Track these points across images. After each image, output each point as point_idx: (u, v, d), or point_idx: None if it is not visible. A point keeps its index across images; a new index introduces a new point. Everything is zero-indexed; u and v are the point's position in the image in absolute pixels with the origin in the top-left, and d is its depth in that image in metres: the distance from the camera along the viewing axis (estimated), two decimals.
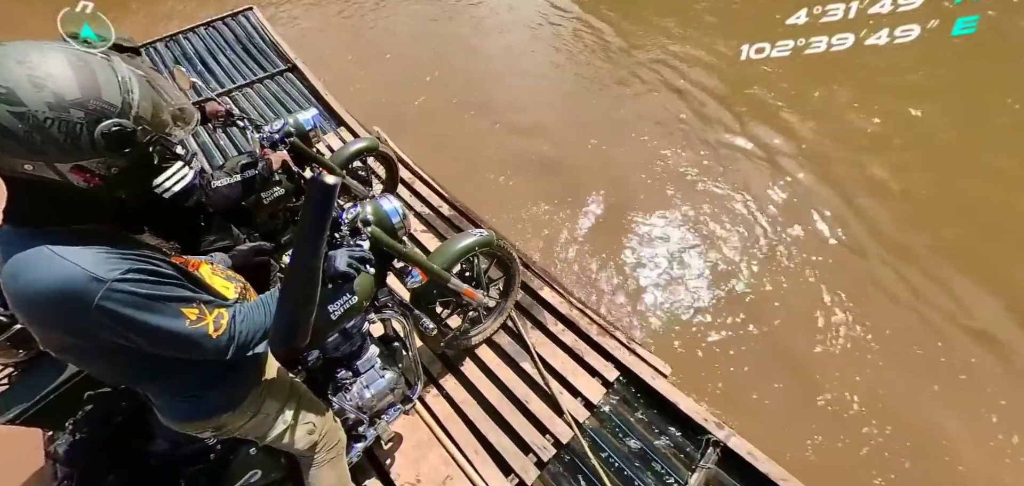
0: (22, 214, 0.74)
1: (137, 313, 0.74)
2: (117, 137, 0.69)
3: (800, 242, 3.13)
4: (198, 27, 5.37)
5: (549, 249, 3.29)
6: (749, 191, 3.48)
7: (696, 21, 5.38)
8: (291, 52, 4.70)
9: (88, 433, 1.32)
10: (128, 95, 0.71)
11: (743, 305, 2.85)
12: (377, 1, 7.27)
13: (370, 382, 1.47)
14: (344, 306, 1.26)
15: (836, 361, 2.58)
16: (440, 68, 5.47)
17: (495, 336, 2.24)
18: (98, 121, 0.67)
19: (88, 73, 0.68)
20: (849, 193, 3.36)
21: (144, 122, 0.72)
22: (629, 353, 2.14)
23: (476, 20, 6.44)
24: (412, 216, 2.97)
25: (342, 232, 1.29)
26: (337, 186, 0.83)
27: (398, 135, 3.82)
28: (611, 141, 4.10)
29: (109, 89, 0.69)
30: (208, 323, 0.83)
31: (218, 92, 4.24)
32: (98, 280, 0.70)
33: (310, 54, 5.15)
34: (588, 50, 5.39)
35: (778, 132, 3.89)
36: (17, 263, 0.71)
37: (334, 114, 3.93)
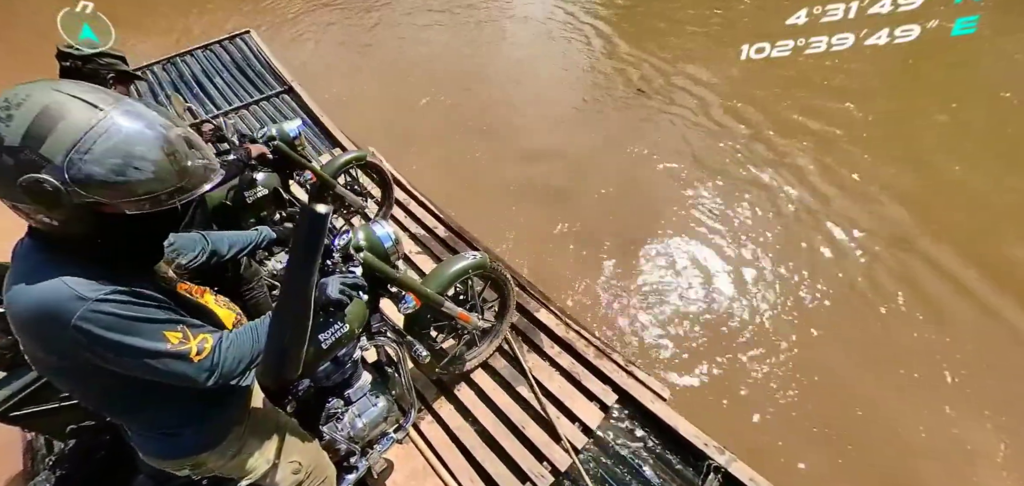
0: (40, 233, 0.77)
1: (115, 334, 0.74)
2: (29, 188, 0.70)
3: (807, 273, 3.09)
4: (195, 50, 5.41)
5: (546, 271, 3.26)
6: (755, 218, 3.45)
7: (713, 46, 5.40)
8: (287, 74, 4.74)
9: (70, 469, 1.28)
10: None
11: (745, 329, 2.82)
12: (378, 22, 7.39)
13: (362, 411, 1.44)
14: (336, 334, 1.25)
15: (841, 387, 2.55)
16: (444, 90, 5.50)
17: (491, 359, 2.21)
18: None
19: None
20: (859, 225, 3.31)
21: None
22: (627, 376, 2.11)
23: (484, 42, 6.52)
24: (407, 238, 2.96)
25: (334, 259, 1.28)
26: (329, 214, 0.82)
27: (400, 156, 3.84)
28: (615, 168, 4.08)
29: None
30: (191, 347, 0.82)
31: (214, 114, 4.26)
32: (80, 299, 0.71)
33: (310, 77, 5.20)
34: (598, 75, 5.43)
35: (788, 167, 3.85)
36: (15, 274, 0.74)
37: (329, 135, 3.94)
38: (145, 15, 8.54)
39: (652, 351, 2.78)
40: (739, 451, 1.82)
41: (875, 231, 3.25)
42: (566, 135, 4.58)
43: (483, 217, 3.56)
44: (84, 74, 1.65)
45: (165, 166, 0.74)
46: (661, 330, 2.87)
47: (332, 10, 7.98)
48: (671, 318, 2.93)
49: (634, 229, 3.46)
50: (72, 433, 1.33)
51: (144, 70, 5.14)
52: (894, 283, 2.94)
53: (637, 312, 2.97)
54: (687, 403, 2.44)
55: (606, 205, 3.71)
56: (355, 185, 2.85)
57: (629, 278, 3.16)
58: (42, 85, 0.70)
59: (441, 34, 6.82)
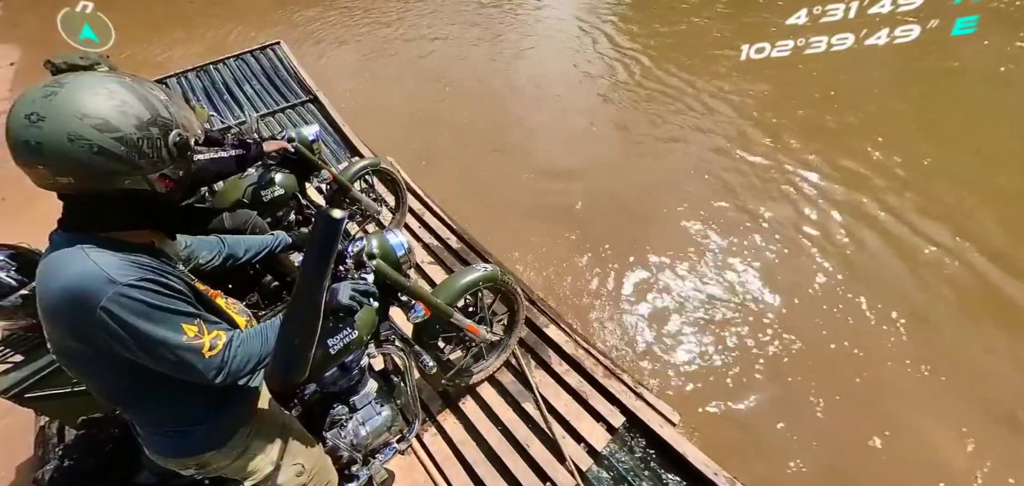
0: (79, 222, 0.80)
1: (139, 320, 0.76)
2: (182, 145, 0.82)
3: (828, 304, 2.98)
4: (228, 58, 5.59)
5: (558, 287, 3.22)
6: (775, 243, 3.36)
7: (738, 71, 5.37)
8: (313, 84, 4.85)
9: (77, 459, 1.28)
10: (171, 111, 0.81)
11: (760, 358, 2.72)
12: (402, 35, 7.56)
13: (366, 419, 1.41)
14: (344, 340, 1.24)
15: (857, 417, 2.44)
16: (463, 104, 5.56)
17: (497, 373, 2.17)
18: (167, 134, 0.79)
19: (146, 96, 0.78)
20: (880, 255, 3.22)
21: (187, 129, 0.84)
22: (636, 398, 2.05)
23: (504, 60, 6.58)
24: (419, 247, 2.96)
25: (347, 264, 1.27)
26: (343, 220, 0.82)
27: (416, 166, 3.86)
28: (632, 187, 4.04)
29: (162, 107, 0.80)
30: (204, 342, 0.83)
31: (239, 120, 4.37)
32: (111, 282, 0.73)
33: (333, 86, 5.32)
34: (617, 94, 5.42)
35: (811, 189, 3.77)
36: (52, 259, 0.77)
37: (349, 143, 4.00)
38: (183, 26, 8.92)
39: (662, 374, 2.70)
40: (750, 484, 1.74)
41: (910, 258, 3.12)
42: (583, 153, 4.57)
43: (496, 230, 3.55)
44: None
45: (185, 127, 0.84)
46: (673, 353, 2.79)
47: (359, 24, 8.21)
48: (684, 341, 2.84)
49: (649, 249, 3.40)
50: (82, 423, 1.33)
51: (179, 77, 5.33)
52: (927, 319, 2.80)
53: (649, 333, 2.90)
54: (697, 430, 2.35)
55: (621, 224, 3.66)
56: (371, 192, 2.88)
57: (642, 298, 3.10)
58: (98, 79, 0.77)
59: (463, 51, 6.93)
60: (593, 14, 7.63)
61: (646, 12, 7.56)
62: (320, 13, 8.81)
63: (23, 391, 1.42)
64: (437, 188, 3.54)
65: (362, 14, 8.58)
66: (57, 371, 1.50)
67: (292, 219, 2.47)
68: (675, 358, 2.76)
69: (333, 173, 2.44)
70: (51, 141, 0.70)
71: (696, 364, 2.73)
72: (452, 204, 3.32)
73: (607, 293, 3.15)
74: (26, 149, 0.70)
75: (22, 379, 1.43)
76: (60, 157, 0.71)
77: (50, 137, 0.70)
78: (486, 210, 3.87)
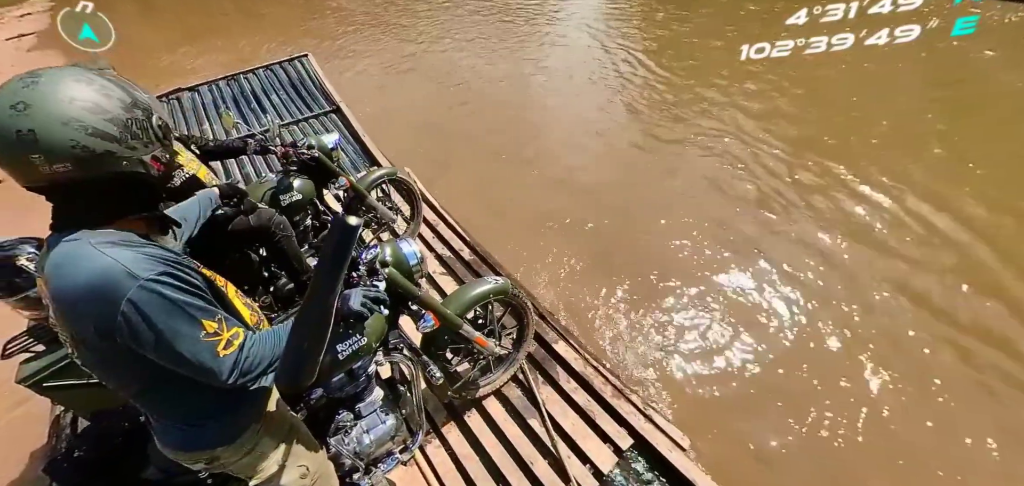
0: (72, 219, 0.77)
1: (160, 316, 0.74)
2: (165, 128, 0.83)
3: (845, 328, 2.89)
4: (258, 69, 5.76)
5: (568, 303, 3.18)
6: (794, 271, 3.26)
7: (763, 94, 5.33)
8: (336, 95, 4.95)
9: (87, 450, 1.29)
10: (146, 96, 0.82)
11: (777, 386, 2.62)
12: (425, 50, 7.71)
13: (371, 427, 1.39)
14: (353, 346, 1.24)
15: (876, 450, 2.32)
16: (482, 118, 5.60)
17: (504, 388, 2.13)
18: (150, 116, 0.80)
19: (119, 82, 0.79)
20: (905, 285, 3.10)
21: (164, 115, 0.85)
22: (645, 420, 1.99)
23: (524, 76, 6.64)
24: (432, 257, 2.96)
25: (360, 271, 1.27)
26: (359, 227, 0.82)
27: (433, 177, 3.87)
28: (649, 206, 3.98)
29: (139, 92, 0.81)
30: (222, 340, 0.82)
31: (263, 129, 4.48)
32: (132, 276, 0.72)
33: (355, 97, 5.41)
34: (635, 113, 5.41)
35: (832, 223, 3.66)
36: (59, 255, 0.74)
37: (368, 153, 4.06)
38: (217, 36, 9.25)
39: (673, 397, 2.62)
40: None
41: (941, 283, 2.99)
42: (597, 168, 4.54)
43: (508, 243, 3.53)
44: None
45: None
46: (684, 376, 2.71)
47: (385, 39, 8.40)
48: (696, 364, 2.76)
49: (664, 268, 3.34)
50: (95, 415, 1.34)
51: (210, 84, 5.51)
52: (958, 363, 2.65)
53: (661, 354, 2.82)
54: (708, 457, 2.27)
55: (635, 241, 3.60)
56: (387, 201, 2.90)
57: (654, 318, 3.03)
58: (77, 71, 0.76)
59: (482, 66, 7.02)
60: (610, 28, 7.71)
61: (664, 26, 7.60)
62: (349, 28, 9.06)
63: (41, 380, 1.44)
64: (452, 199, 3.55)
65: (388, 30, 8.80)
66: (74, 363, 1.52)
67: (309, 224, 2.50)
68: (687, 381, 2.68)
69: (351, 181, 2.47)
70: (45, 127, 0.67)
71: (709, 388, 2.64)
72: (466, 215, 3.32)
73: (618, 311, 3.09)
74: (17, 140, 0.67)
75: (42, 369, 1.45)
76: (56, 143, 0.68)
77: (43, 123, 0.67)
78: (499, 222, 3.86)
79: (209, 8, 11.41)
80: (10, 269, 1.45)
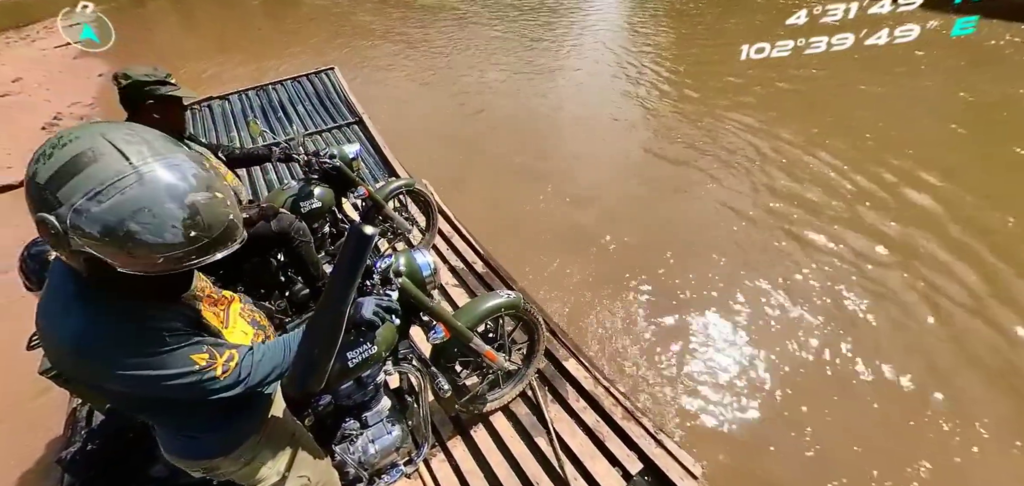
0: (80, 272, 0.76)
1: (148, 372, 0.76)
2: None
3: (867, 360, 2.77)
4: (285, 80, 5.93)
5: (580, 320, 3.12)
6: (814, 296, 3.16)
7: (780, 117, 5.27)
8: (359, 107, 5.05)
9: (100, 444, 1.29)
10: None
11: (794, 415, 2.52)
12: (448, 65, 7.85)
13: (377, 436, 1.37)
14: (363, 354, 1.24)
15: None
16: (501, 134, 5.64)
17: (512, 404, 2.08)
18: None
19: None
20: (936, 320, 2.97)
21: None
22: (656, 444, 1.91)
23: (544, 93, 6.68)
24: (445, 269, 2.95)
25: (373, 280, 1.27)
26: (375, 236, 0.83)
27: (449, 190, 3.88)
28: (666, 225, 3.93)
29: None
30: (217, 366, 0.83)
31: (287, 137, 4.57)
32: (117, 345, 0.74)
33: (378, 109, 5.51)
34: (654, 131, 5.39)
35: (855, 244, 3.56)
36: (52, 302, 0.76)
37: (387, 164, 4.10)
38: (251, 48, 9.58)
39: (686, 422, 2.53)
40: None
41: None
42: (615, 186, 4.50)
43: (522, 257, 3.51)
44: (130, 98, 1.64)
45: (178, 234, 0.69)
46: (698, 400, 2.62)
47: (410, 54, 8.59)
48: (711, 389, 2.67)
49: (679, 289, 3.27)
50: (109, 410, 1.35)
51: (240, 94, 5.68)
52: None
53: (673, 377, 2.74)
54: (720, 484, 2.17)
55: (651, 261, 3.53)
56: (403, 211, 2.91)
57: (668, 340, 2.95)
58: (93, 130, 0.69)
59: (503, 82, 7.10)
60: (633, 48, 7.73)
61: (686, 46, 7.59)
62: (375, 43, 9.31)
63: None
64: (467, 212, 3.55)
65: (413, 45, 9.00)
66: None
67: (326, 231, 2.52)
68: (701, 406, 2.59)
69: (369, 190, 2.49)
70: None
71: (723, 414, 2.55)
72: (481, 228, 3.32)
73: (632, 331, 3.02)
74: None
75: None
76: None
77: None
78: (514, 236, 3.84)
79: (245, 23, 11.88)
80: (43, 263, 1.50)
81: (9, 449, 2.26)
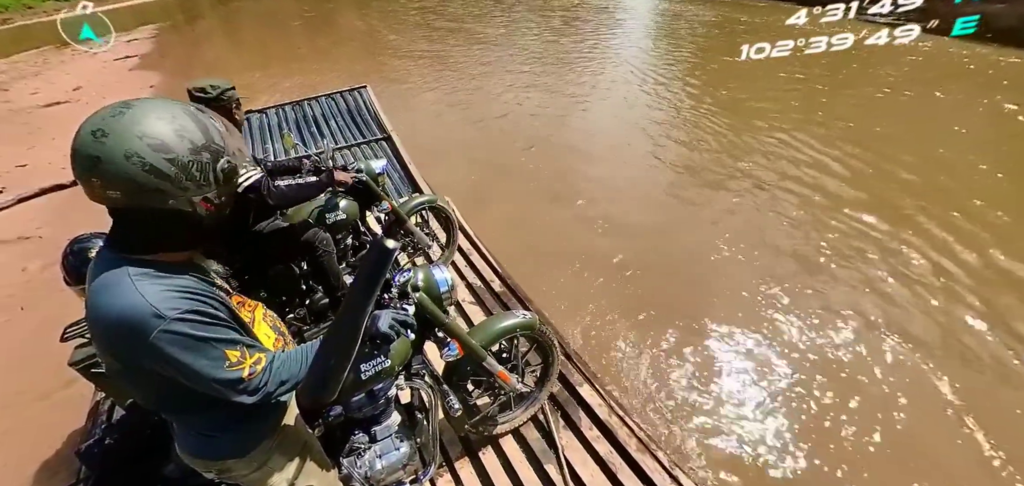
0: (125, 242, 0.81)
1: (184, 353, 0.77)
2: (230, 172, 0.84)
3: (904, 408, 2.61)
4: (320, 96, 6.16)
5: (597, 346, 3.03)
6: (843, 334, 3.00)
7: (813, 132, 5.17)
8: (388, 124, 5.18)
9: (118, 439, 1.30)
10: (223, 139, 0.84)
11: (819, 460, 2.37)
12: (479, 87, 8.00)
13: (384, 452, 1.34)
14: (376, 368, 1.23)
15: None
16: (526, 155, 5.67)
17: (522, 428, 2.02)
18: (217, 159, 0.82)
19: (203, 123, 0.81)
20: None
21: (236, 158, 0.86)
22: (671, 481, 1.81)
23: (571, 115, 6.73)
24: (462, 285, 2.94)
25: (391, 293, 1.26)
26: (396, 250, 0.83)
27: (471, 207, 3.90)
28: (688, 251, 3.85)
29: (217, 135, 0.83)
30: (245, 366, 0.84)
31: (319, 150, 4.71)
32: (159, 316, 0.74)
33: (406, 126, 5.63)
34: (681, 156, 5.34)
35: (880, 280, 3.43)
36: (100, 282, 0.77)
37: (412, 180, 4.17)
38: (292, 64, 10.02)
39: (703, 459, 2.40)
40: None
41: None
42: (638, 211, 4.43)
43: (540, 278, 3.46)
44: (214, 108, 1.85)
45: None
46: (717, 438, 2.48)
47: (442, 75, 8.81)
48: (731, 426, 2.53)
49: (700, 319, 3.15)
50: (130, 405, 1.37)
51: (277, 108, 5.92)
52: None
53: (693, 410, 2.61)
54: None
55: (671, 288, 3.44)
56: (425, 227, 2.93)
57: (688, 372, 2.83)
58: (163, 105, 0.80)
59: (529, 104, 7.17)
60: (657, 74, 7.73)
61: (713, 72, 7.53)
62: (407, 64, 9.62)
63: (90, 366, 1.50)
64: (488, 230, 3.54)
65: (446, 67, 9.25)
66: None
67: (349, 243, 2.55)
68: (719, 444, 2.46)
69: (392, 205, 2.52)
70: (109, 156, 0.72)
71: (742, 454, 2.41)
72: (500, 247, 3.30)
73: (650, 360, 2.91)
74: (86, 161, 0.72)
75: (91, 355, 1.52)
76: (112, 171, 0.72)
77: (109, 153, 0.71)
78: (533, 257, 3.80)
79: (286, 43, 12.47)
80: (84, 259, 1.56)
81: (34, 438, 2.33)
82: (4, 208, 4.72)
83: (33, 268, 3.78)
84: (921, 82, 5.47)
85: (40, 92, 8.87)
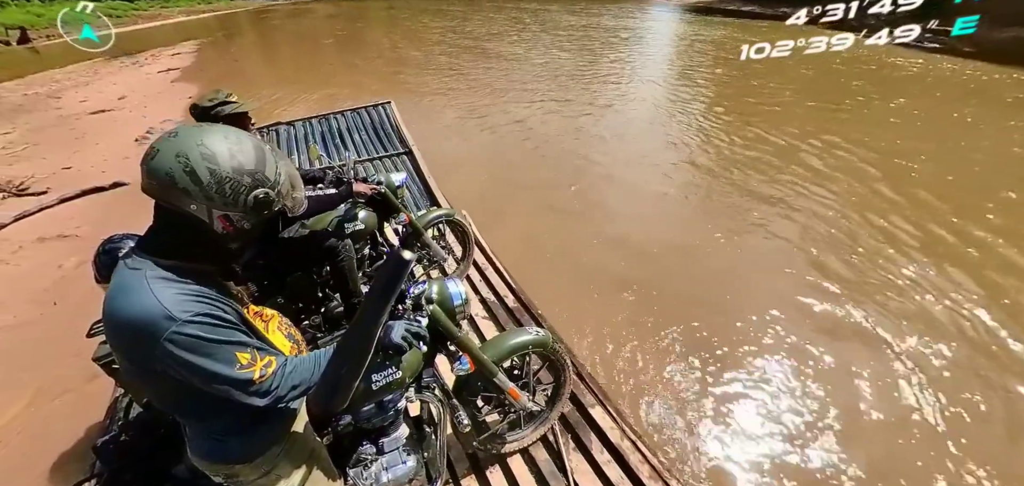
0: (153, 241, 0.83)
1: (195, 355, 0.77)
2: (260, 202, 0.85)
3: (916, 432, 2.47)
4: (345, 111, 6.32)
5: (610, 367, 2.95)
6: (866, 362, 2.87)
7: (838, 148, 5.06)
8: (410, 139, 5.26)
9: (132, 437, 1.31)
10: (278, 176, 0.87)
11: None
12: (501, 105, 8.11)
13: (391, 464, 1.31)
14: (387, 378, 1.22)
15: None
16: (544, 170, 5.68)
17: (531, 447, 1.96)
18: (254, 188, 0.83)
19: (263, 156, 0.85)
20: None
21: (281, 196, 0.89)
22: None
23: (589, 133, 6.74)
24: (476, 300, 2.91)
25: (405, 305, 1.26)
26: (411, 262, 0.83)
27: (491, 224, 3.90)
28: (707, 271, 3.75)
29: (271, 170, 0.86)
30: (256, 368, 0.84)
31: (341, 162, 4.80)
32: (170, 318, 0.75)
33: (430, 143, 5.72)
34: (702, 177, 5.28)
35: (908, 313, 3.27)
36: (118, 284, 0.79)
37: (430, 194, 4.20)
38: (319, 78, 10.36)
39: (714, 478, 2.29)
40: None
41: None
42: (658, 236, 4.34)
43: (555, 295, 3.40)
44: (209, 120, 1.80)
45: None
46: (733, 467, 2.36)
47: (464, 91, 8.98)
48: (747, 455, 2.41)
49: (718, 343, 3.04)
50: (146, 403, 1.38)
51: (305, 121, 6.09)
52: None
53: (708, 437, 2.50)
54: None
55: (690, 311, 3.33)
56: (441, 240, 2.93)
57: (703, 397, 2.72)
58: (234, 132, 0.85)
59: (549, 122, 7.22)
60: (678, 93, 7.70)
61: (738, 90, 7.45)
62: (431, 81, 9.83)
63: (111, 362, 1.52)
64: (504, 245, 3.53)
65: (469, 85, 9.43)
66: None
67: (366, 253, 2.57)
68: (735, 473, 2.34)
69: (410, 217, 2.53)
70: (165, 150, 0.76)
71: (756, 479, 2.28)
72: (516, 262, 3.27)
73: (664, 384, 2.81)
74: (150, 150, 0.78)
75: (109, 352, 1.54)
76: (159, 162, 0.76)
77: (167, 147, 0.77)
78: (548, 273, 3.76)
79: (317, 60, 12.95)
80: (114, 258, 1.60)
81: (55, 428, 2.38)
82: (46, 208, 4.94)
83: (69, 265, 3.93)
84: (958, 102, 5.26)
85: (89, 100, 9.38)
